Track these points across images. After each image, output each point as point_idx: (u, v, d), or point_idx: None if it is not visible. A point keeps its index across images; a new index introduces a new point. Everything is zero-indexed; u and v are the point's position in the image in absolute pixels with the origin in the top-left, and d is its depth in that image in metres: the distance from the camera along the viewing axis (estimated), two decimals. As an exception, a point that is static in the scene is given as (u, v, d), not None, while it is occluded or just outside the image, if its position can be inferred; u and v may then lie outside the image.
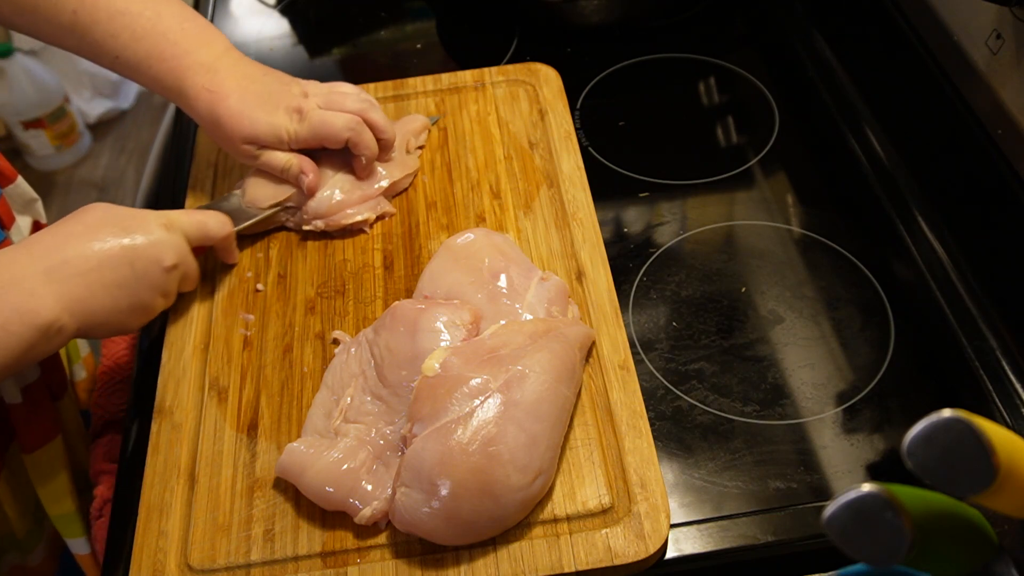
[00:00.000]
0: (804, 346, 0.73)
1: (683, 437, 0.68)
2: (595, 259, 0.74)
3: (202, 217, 0.72)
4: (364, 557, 0.60)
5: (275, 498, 0.63)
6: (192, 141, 0.89)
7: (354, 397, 0.65)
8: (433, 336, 0.64)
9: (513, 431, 0.58)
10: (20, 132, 2.25)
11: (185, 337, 0.73)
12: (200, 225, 0.71)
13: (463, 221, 0.78)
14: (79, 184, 2.32)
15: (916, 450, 0.37)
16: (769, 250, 0.79)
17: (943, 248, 0.77)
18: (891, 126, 0.86)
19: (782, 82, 0.94)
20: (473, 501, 0.57)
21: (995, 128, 0.74)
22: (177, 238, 0.68)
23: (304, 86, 0.78)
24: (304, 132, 0.76)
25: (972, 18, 0.75)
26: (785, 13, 1.01)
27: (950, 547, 0.43)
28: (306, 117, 0.76)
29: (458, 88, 0.89)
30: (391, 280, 0.75)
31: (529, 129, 0.85)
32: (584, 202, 0.78)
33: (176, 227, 0.68)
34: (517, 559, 0.59)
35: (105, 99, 2.43)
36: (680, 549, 0.62)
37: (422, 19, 1.07)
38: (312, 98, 0.77)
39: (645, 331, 0.74)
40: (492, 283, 0.69)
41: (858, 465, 0.65)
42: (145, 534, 0.62)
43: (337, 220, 0.77)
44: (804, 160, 0.87)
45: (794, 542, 0.62)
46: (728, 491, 0.64)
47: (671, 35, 1.00)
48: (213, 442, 0.67)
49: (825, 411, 0.69)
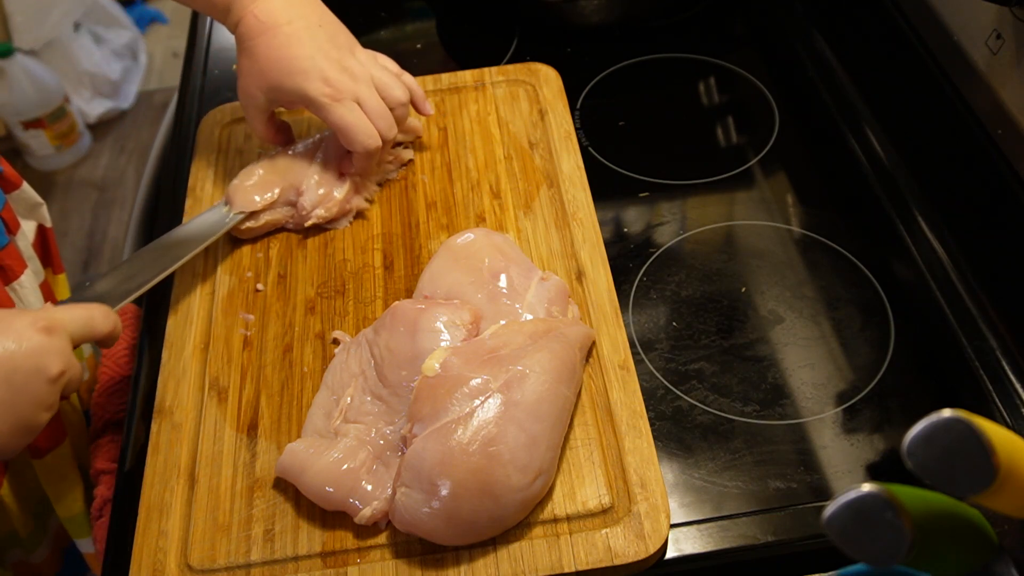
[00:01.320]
0: (804, 346, 0.73)
1: (683, 437, 0.68)
2: (595, 259, 0.74)
3: (86, 312, 0.61)
4: (364, 557, 0.60)
5: (275, 498, 0.63)
6: (192, 141, 0.89)
7: (354, 397, 0.65)
8: (433, 336, 0.64)
9: (513, 431, 0.58)
10: (20, 132, 2.25)
11: (185, 337, 0.73)
12: (86, 322, 0.60)
13: (463, 221, 0.78)
14: (79, 184, 2.32)
15: (916, 450, 0.37)
16: (769, 250, 0.79)
17: (943, 248, 0.77)
18: (891, 126, 0.86)
19: (782, 82, 0.94)
20: (473, 501, 0.57)
21: (995, 128, 0.74)
22: (60, 342, 0.57)
23: (358, 54, 0.76)
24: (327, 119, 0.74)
25: (972, 18, 0.75)
26: (785, 13, 1.01)
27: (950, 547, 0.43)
28: (335, 109, 0.73)
29: (458, 88, 0.89)
30: (391, 280, 0.75)
31: (529, 129, 0.85)
32: (584, 202, 0.78)
33: (59, 329, 0.57)
34: (517, 559, 0.59)
35: (105, 99, 2.43)
36: (680, 549, 0.62)
37: (422, 19, 1.07)
38: (361, 84, 0.75)
39: (645, 331, 0.74)
40: (492, 283, 0.69)
41: (858, 465, 0.65)
42: (145, 534, 0.62)
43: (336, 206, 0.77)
44: (804, 160, 0.87)
45: (794, 542, 0.62)
46: (728, 491, 0.64)
47: (671, 35, 1.00)
48: (213, 442, 0.67)
49: (825, 411, 0.69)
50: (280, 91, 0.74)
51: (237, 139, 0.87)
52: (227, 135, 0.87)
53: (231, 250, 0.78)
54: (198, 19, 1.06)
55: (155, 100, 2.50)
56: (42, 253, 0.85)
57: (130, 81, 2.50)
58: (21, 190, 0.82)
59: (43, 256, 0.85)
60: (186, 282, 0.76)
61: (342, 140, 0.76)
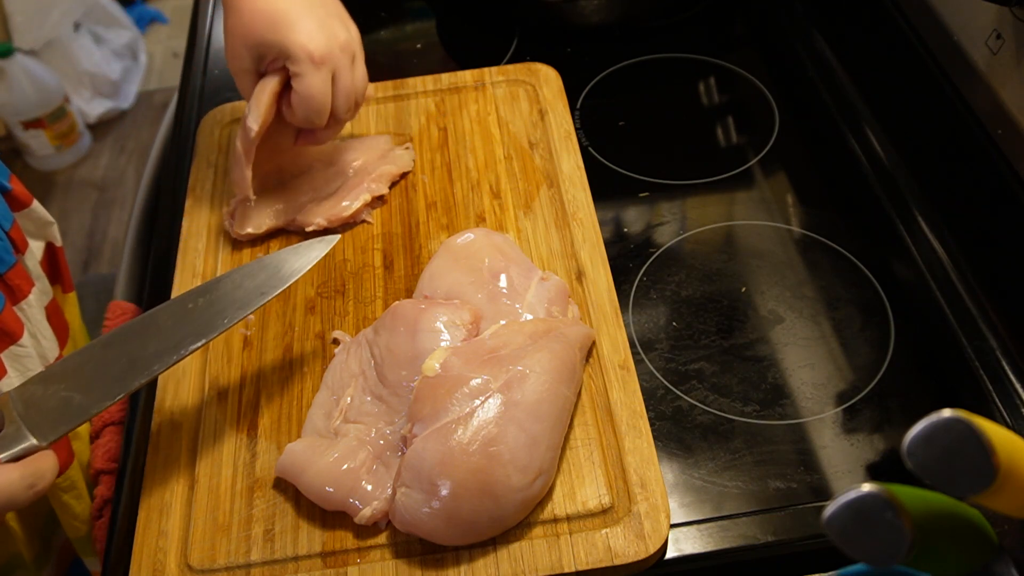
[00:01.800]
0: (804, 346, 0.73)
1: (683, 437, 0.68)
2: (595, 259, 0.74)
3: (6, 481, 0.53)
4: (364, 557, 0.60)
5: (275, 498, 0.63)
6: (192, 141, 0.89)
7: (354, 397, 0.65)
8: (433, 336, 0.64)
9: (513, 431, 0.58)
10: (20, 132, 2.25)
11: (185, 337, 0.73)
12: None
13: (463, 221, 0.78)
14: (79, 184, 2.32)
15: (916, 450, 0.36)
16: (769, 250, 0.79)
17: (943, 248, 0.77)
18: (891, 126, 0.86)
19: (782, 82, 0.94)
20: (473, 501, 0.57)
21: (995, 128, 0.74)
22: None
23: (348, 25, 0.74)
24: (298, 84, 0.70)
25: (972, 18, 0.75)
26: (785, 13, 1.01)
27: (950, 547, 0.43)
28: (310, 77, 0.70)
29: (458, 88, 0.89)
30: (391, 280, 0.75)
31: (529, 129, 0.85)
32: (584, 202, 0.78)
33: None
34: (517, 559, 0.59)
35: (105, 99, 2.43)
36: (680, 549, 0.62)
37: (422, 19, 1.07)
38: (344, 55, 0.72)
39: (645, 331, 0.74)
40: (492, 283, 0.69)
41: (858, 465, 0.65)
42: (145, 534, 0.62)
43: (337, 214, 0.77)
44: (804, 160, 0.87)
45: (794, 542, 0.62)
46: (728, 491, 0.64)
47: (671, 35, 1.00)
48: (213, 442, 0.67)
49: (825, 411, 0.69)
50: (264, 46, 0.70)
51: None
52: (227, 135, 0.87)
53: (231, 250, 0.78)
54: (198, 19, 1.06)
55: (155, 100, 2.50)
56: (51, 271, 0.84)
57: (130, 81, 2.51)
58: (31, 208, 0.80)
59: (52, 274, 0.85)
60: (186, 282, 0.76)
61: (293, 104, 0.72)
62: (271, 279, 0.64)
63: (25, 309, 0.75)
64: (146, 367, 0.59)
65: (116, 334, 0.61)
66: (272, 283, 0.64)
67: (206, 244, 0.78)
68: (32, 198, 0.81)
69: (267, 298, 0.63)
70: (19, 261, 0.75)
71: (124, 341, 0.60)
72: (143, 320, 0.62)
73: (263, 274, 0.64)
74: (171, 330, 0.61)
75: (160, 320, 0.61)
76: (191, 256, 0.78)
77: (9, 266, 0.73)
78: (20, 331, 0.73)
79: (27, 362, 0.73)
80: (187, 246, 0.79)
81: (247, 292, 0.63)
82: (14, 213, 0.77)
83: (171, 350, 0.60)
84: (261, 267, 0.64)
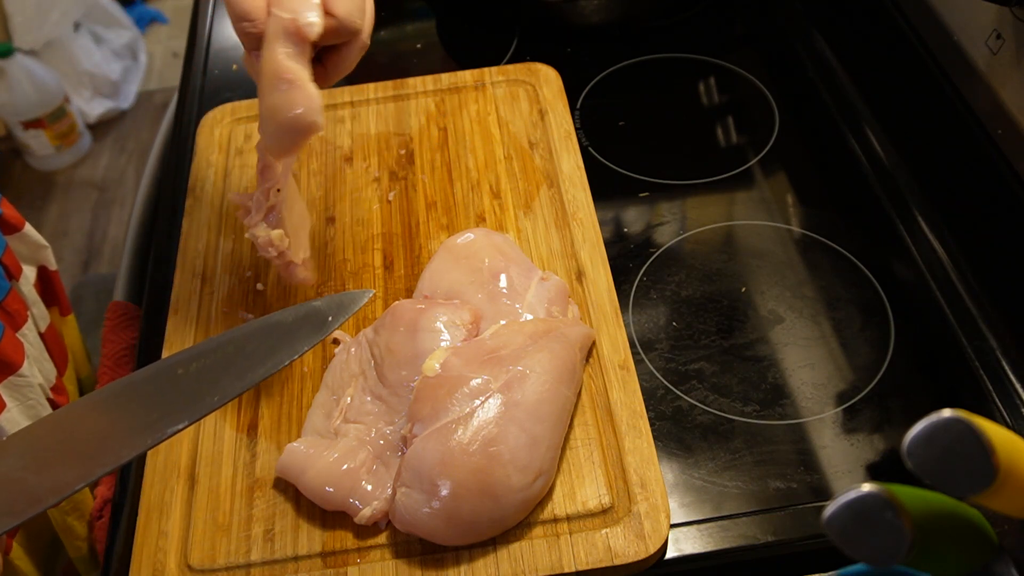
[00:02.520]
0: (804, 346, 0.72)
1: (683, 437, 0.68)
2: (595, 259, 0.74)
3: None
4: (364, 557, 0.60)
5: (275, 498, 0.63)
6: (192, 141, 0.89)
7: (354, 397, 0.65)
8: (433, 336, 0.64)
9: (514, 431, 0.58)
10: (20, 132, 2.25)
11: (185, 337, 0.72)
12: None
13: (463, 221, 0.78)
14: (79, 184, 2.32)
15: (916, 450, 0.36)
16: (769, 250, 0.79)
17: (943, 248, 0.77)
18: (891, 126, 0.86)
19: (782, 82, 0.94)
20: (473, 501, 0.57)
21: (995, 128, 0.74)
22: None
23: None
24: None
25: (972, 18, 0.75)
26: (785, 13, 1.01)
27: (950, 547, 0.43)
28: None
29: (458, 88, 0.89)
30: (391, 280, 0.75)
31: (529, 129, 0.85)
32: (584, 202, 0.78)
33: None
34: (517, 559, 0.59)
35: (105, 99, 2.43)
36: (680, 549, 0.62)
37: (422, 19, 1.07)
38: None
39: (645, 331, 0.74)
40: (492, 283, 0.69)
41: (858, 465, 0.65)
42: (145, 534, 0.62)
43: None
44: (804, 160, 0.87)
45: (794, 542, 0.62)
46: (728, 491, 0.64)
47: (671, 35, 1.00)
48: (213, 442, 0.67)
49: (825, 411, 0.69)
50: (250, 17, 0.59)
51: (237, 139, 0.87)
52: (227, 135, 0.87)
53: (231, 250, 0.78)
54: (198, 19, 1.06)
55: (155, 100, 2.51)
56: (46, 295, 0.84)
57: (130, 81, 2.51)
58: (24, 232, 0.80)
59: (48, 298, 0.84)
60: (186, 282, 0.76)
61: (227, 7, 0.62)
62: (279, 345, 0.53)
63: (27, 334, 0.75)
64: (114, 451, 0.48)
65: (88, 402, 0.52)
66: (280, 356, 0.53)
67: (206, 244, 0.78)
68: (24, 221, 0.80)
69: (272, 372, 0.53)
70: (14, 288, 0.75)
71: (98, 412, 0.51)
72: (124, 384, 0.52)
73: (270, 340, 0.54)
74: (152, 400, 0.51)
75: (141, 389, 0.51)
76: (191, 256, 0.78)
77: (5, 292, 0.72)
78: (21, 359, 0.72)
79: (27, 392, 0.73)
80: (187, 246, 0.79)
81: (249, 359, 0.52)
82: (6, 237, 0.77)
83: (146, 430, 0.49)
84: (267, 331, 0.54)
